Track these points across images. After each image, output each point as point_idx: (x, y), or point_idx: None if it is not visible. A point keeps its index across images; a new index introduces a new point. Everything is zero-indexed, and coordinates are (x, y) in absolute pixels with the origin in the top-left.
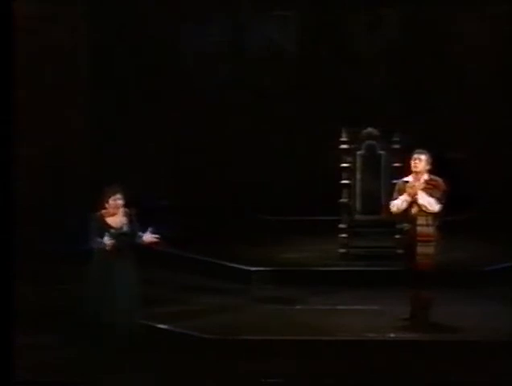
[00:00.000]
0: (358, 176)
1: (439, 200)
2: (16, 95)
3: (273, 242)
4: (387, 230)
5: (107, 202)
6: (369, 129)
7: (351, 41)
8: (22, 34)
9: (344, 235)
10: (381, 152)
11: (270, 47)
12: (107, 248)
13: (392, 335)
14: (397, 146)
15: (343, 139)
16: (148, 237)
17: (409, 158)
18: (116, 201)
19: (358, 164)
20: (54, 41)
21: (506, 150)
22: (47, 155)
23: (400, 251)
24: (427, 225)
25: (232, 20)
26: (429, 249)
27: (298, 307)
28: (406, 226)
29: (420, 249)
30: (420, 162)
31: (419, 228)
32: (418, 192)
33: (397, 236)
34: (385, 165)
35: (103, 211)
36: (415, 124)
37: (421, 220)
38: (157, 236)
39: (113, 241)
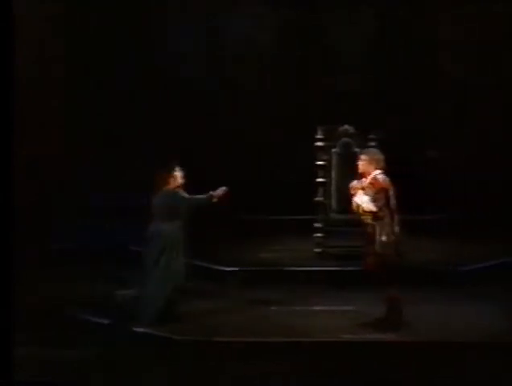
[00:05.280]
0: (334, 174)
1: (374, 199)
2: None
3: (249, 242)
4: (360, 229)
5: (171, 177)
6: (345, 127)
7: (329, 38)
8: None
9: (319, 234)
10: (357, 150)
11: (247, 45)
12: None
13: (368, 336)
14: (373, 144)
15: (318, 136)
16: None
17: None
18: (179, 174)
19: (334, 162)
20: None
21: (483, 149)
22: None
23: None
24: (370, 225)
25: (210, 17)
26: (370, 249)
27: (273, 308)
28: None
29: (364, 249)
30: (362, 161)
31: (364, 228)
32: (357, 192)
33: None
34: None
35: (170, 186)
36: (392, 121)
37: (366, 220)
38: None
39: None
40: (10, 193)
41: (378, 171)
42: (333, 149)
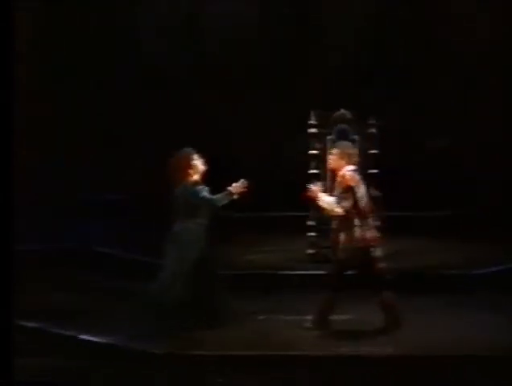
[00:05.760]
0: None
1: (340, 199)
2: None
3: (235, 242)
4: None
5: (190, 167)
6: (342, 111)
7: (325, 17)
8: None
9: (312, 233)
10: (355, 137)
11: (236, 25)
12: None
13: (366, 349)
14: (373, 131)
15: (311, 122)
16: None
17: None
18: (199, 163)
19: (328, 151)
20: None
21: (493, 139)
22: None
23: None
24: (338, 230)
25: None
26: (334, 254)
27: (260, 317)
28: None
29: (333, 256)
30: (332, 156)
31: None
32: (318, 196)
33: None
34: (359, 152)
35: (191, 179)
36: (394, 106)
37: (333, 224)
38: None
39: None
40: (10, 193)
41: (350, 167)
42: (328, 137)
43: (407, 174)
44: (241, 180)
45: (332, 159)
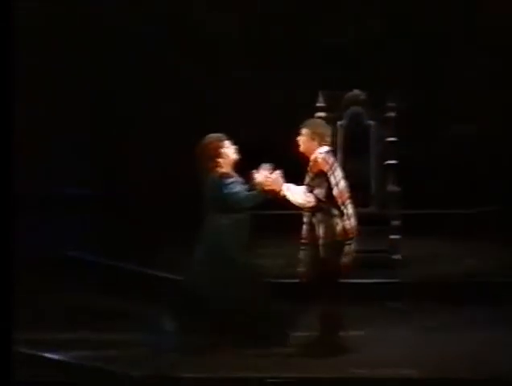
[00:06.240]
0: (339, 154)
1: (311, 188)
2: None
3: None
4: (378, 228)
5: (220, 155)
6: (355, 92)
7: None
8: None
9: None
10: (371, 122)
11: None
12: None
13: (385, 372)
14: (391, 114)
15: (319, 105)
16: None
17: None
18: (230, 151)
19: (339, 138)
20: None
21: None
22: None
23: (396, 256)
24: (315, 223)
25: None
26: (313, 254)
27: None
28: None
29: (306, 255)
30: (301, 137)
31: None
32: (279, 187)
33: (392, 236)
34: (375, 139)
35: (220, 170)
36: (416, 85)
37: (305, 217)
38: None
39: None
40: (9, 192)
41: (323, 149)
42: (339, 122)
43: (437, 161)
44: (263, 164)
45: (302, 141)
